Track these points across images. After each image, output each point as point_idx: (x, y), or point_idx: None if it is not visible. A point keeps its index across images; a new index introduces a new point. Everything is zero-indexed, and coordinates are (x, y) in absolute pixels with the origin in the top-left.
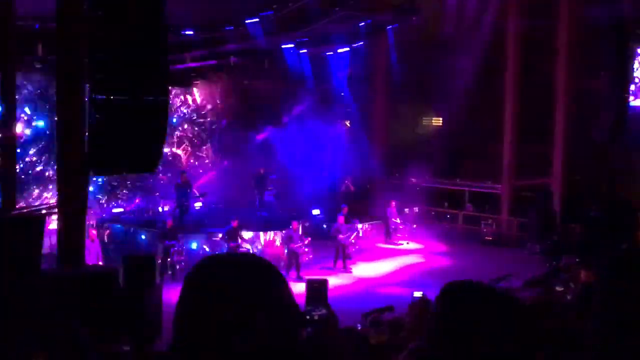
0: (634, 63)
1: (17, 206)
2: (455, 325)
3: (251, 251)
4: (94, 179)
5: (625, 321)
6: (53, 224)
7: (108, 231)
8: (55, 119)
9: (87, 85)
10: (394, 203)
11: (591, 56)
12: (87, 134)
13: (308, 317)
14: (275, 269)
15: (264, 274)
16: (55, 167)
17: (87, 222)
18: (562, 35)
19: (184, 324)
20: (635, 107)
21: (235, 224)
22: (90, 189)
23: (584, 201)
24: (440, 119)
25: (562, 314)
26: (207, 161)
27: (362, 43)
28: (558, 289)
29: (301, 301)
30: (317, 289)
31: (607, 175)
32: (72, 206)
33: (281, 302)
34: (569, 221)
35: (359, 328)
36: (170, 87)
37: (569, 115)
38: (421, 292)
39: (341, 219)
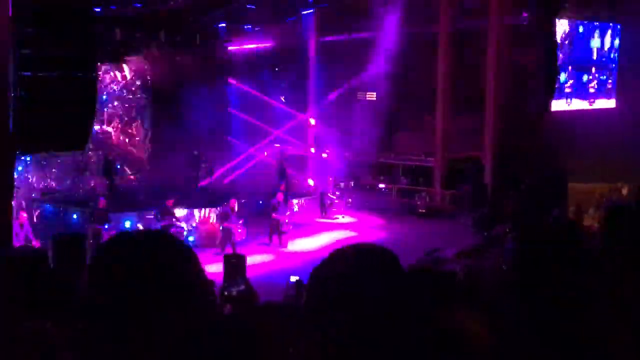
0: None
1: None
2: (333, 285)
3: (185, 229)
4: (22, 157)
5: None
6: None
7: (38, 211)
8: None
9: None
10: (330, 178)
11: (523, 28)
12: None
13: (226, 293)
14: (184, 245)
15: (170, 251)
16: None
17: (16, 203)
18: (493, 8)
19: (90, 302)
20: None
21: (170, 202)
22: (19, 168)
23: (516, 173)
24: (375, 93)
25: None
26: (137, 138)
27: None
28: (490, 258)
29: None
30: (235, 265)
31: (539, 147)
32: None
33: (189, 279)
34: (501, 193)
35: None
36: (99, 64)
37: (501, 87)
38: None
39: (280, 196)
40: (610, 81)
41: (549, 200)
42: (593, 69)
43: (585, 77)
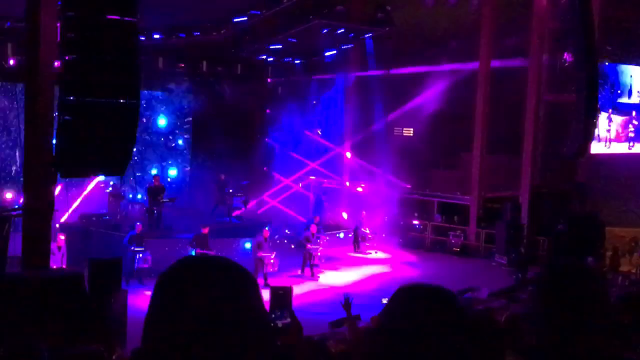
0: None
1: None
2: (400, 323)
3: None
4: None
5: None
6: None
7: (75, 234)
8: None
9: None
10: (363, 213)
11: (561, 69)
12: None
13: (272, 325)
14: (249, 274)
15: (237, 280)
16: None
17: (55, 225)
18: (533, 46)
19: (151, 328)
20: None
21: (205, 230)
22: (57, 190)
23: (551, 214)
24: (412, 129)
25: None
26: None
27: (352, 45)
28: (523, 300)
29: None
30: (282, 297)
31: (575, 190)
32: (38, 208)
33: (253, 310)
34: (536, 234)
35: (322, 336)
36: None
37: (539, 127)
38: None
39: (313, 228)
40: None
41: (585, 243)
42: (634, 113)
43: (623, 120)
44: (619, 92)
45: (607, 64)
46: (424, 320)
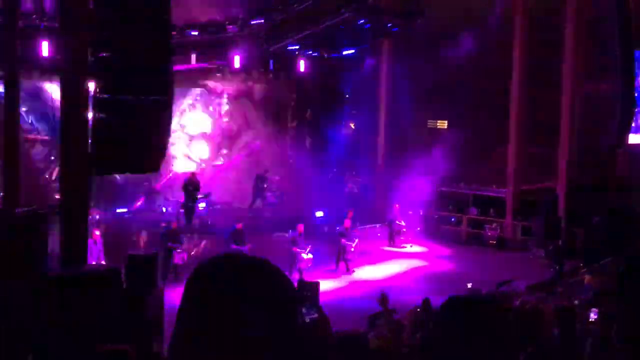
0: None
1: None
2: (451, 334)
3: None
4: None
5: None
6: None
7: (111, 231)
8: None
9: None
10: (397, 206)
11: (598, 59)
12: (90, 133)
13: (299, 320)
14: (276, 268)
15: (265, 276)
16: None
17: (90, 222)
18: (569, 37)
19: (183, 327)
20: None
21: (239, 226)
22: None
23: (589, 207)
24: (446, 121)
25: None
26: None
27: (367, 45)
28: (562, 293)
29: None
30: (310, 292)
31: (613, 181)
32: (75, 206)
33: (282, 304)
34: (573, 226)
35: (362, 331)
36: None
37: (575, 118)
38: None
39: (347, 223)
40: None
41: (622, 236)
42: None
43: None
44: None
45: None
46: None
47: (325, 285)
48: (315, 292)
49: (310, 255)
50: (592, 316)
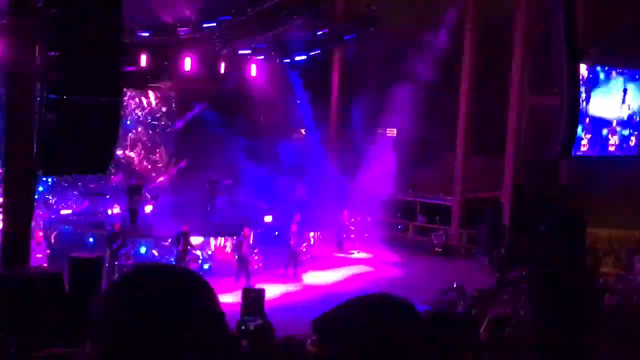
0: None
1: None
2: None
3: (201, 257)
4: (44, 179)
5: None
6: None
7: (55, 233)
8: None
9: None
10: (346, 212)
11: (545, 72)
12: (36, 133)
13: (243, 327)
14: (202, 279)
15: (189, 287)
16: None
17: (35, 223)
18: (516, 50)
19: (100, 334)
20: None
21: (185, 228)
22: (40, 189)
23: (534, 215)
24: (395, 129)
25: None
26: (160, 165)
27: (319, 51)
28: (504, 301)
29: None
30: (254, 299)
31: (557, 190)
32: (18, 206)
33: (206, 317)
34: (518, 235)
35: (302, 337)
36: (124, 89)
37: (521, 129)
38: None
39: (294, 227)
40: (633, 138)
41: (566, 245)
42: (614, 123)
43: (605, 131)
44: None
45: (591, 65)
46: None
47: (274, 290)
48: (260, 299)
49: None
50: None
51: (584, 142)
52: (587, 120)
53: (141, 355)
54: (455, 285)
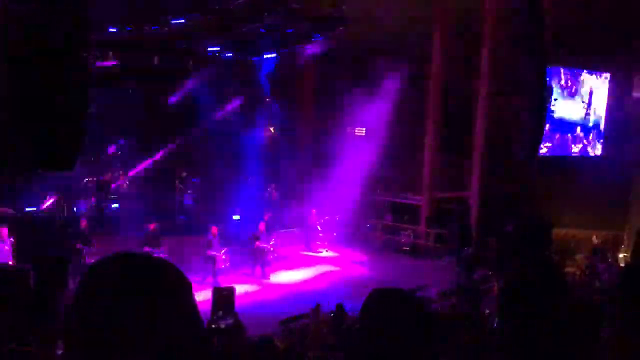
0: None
1: None
2: (376, 326)
3: (167, 256)
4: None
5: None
6: None
7: (20, 230)
8: None
9: None
10: (314, 211)
11: (512, 74)
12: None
13: (214, 326)
14: (181, 274)
15: (167, 278)
16: None
17: None
18: (483, 51)
19: (75, 328)
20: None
21: (152, 226)
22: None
23: (501, 216)
24: (364, 129)
25: (475, 325)
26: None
27: (287, 50)
28: (471, 300)
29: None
30: (225, 297)
31: (524, 191)
32: None
33: (183, 309)
34: (485, 235)
35: (272, 334)
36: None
37: (488, 130)
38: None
39: (262, 226)
40: (597, 144)
41: (532, 245)
42: (578, 129)
43: (569, 136)
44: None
45: (557, 67)
46: (394, 318)
47: (241, 289)
48: (230, 298)
49: (224, 257)
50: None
51: (548, 144)
52: (552, 122)
53: (113, 347)
54: (422, 285)
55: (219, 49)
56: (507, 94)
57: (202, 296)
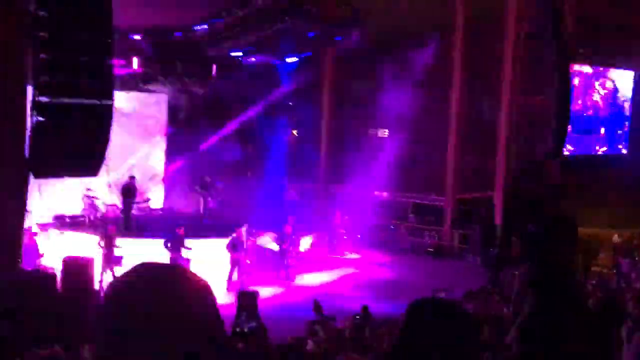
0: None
1: None
2: (418, 338)
3: (192, 259)
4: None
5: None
6: None
7: (50, 234)
8: None
9: (31, 87)
10: (338, 213)
11: (536, 72)
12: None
13: (238, 329)
14: (202, 280)
15: (190, 290)
16: None
17: (29, 225)
18: (507, 50)
19: (104, 339)
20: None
21: (181, 231)
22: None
23: (526, 215)
24: (387, 130)
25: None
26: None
27: (310, 53)
28: (497, 301)
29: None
30: (249, 301)
31: (548, 191)
32: (10, 210)
33: (206, 322)
34: (509, 235)
35: (299, 338)
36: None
37: (513, 130)
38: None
39: (288, 229)
40: (622, 143)
41: (557, 244)
42: (602, 130)
43: (593, 135)
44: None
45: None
46: (439, 334)
47: (266, 291)
48: (254, 301)
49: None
50: None
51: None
52: (577, 121)
53: (138, 355)
54: (446, 286)
55: (241, 53)
56: (532, 93)
57: (228, 299)
